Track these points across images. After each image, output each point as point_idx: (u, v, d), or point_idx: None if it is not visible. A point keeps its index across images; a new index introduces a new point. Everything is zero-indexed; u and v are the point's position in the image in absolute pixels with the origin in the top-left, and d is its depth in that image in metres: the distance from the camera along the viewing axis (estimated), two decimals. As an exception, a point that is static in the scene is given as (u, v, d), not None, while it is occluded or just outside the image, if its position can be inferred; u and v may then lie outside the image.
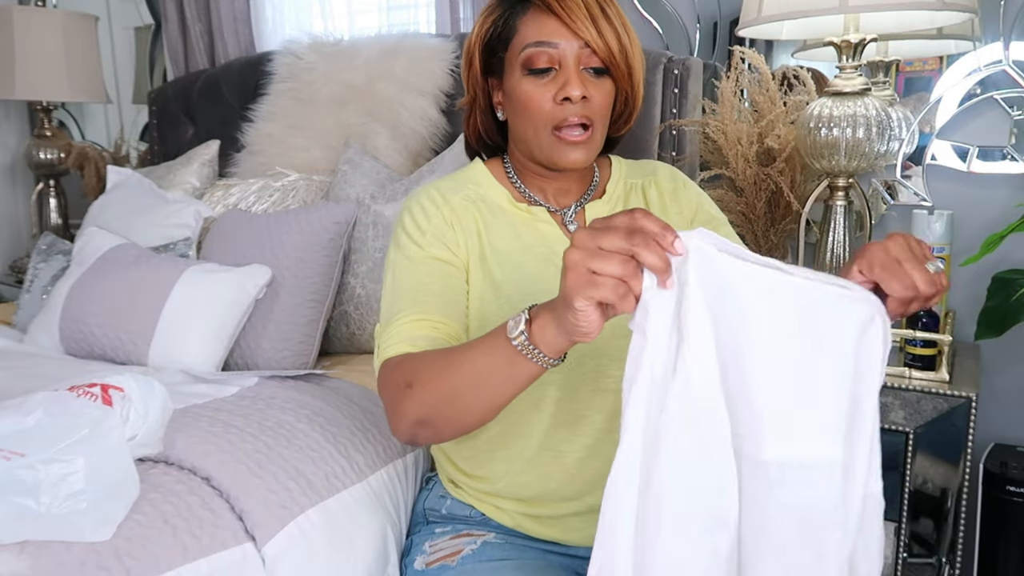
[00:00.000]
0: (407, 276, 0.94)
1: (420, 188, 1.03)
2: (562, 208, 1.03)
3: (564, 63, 0.92)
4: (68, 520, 0.80)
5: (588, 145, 0.95)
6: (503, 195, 1.02)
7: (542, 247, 1.00)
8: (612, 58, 0.93)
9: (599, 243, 0.61)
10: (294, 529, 0.97)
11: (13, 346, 1.60)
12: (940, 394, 1.26)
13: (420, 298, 0.92)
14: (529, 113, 0.94)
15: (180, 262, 1.56)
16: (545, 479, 0.99)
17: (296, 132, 1.91)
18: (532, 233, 1.01)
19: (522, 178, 1.04)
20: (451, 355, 0.81)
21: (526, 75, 0.94)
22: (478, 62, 1.00)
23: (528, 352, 0.72)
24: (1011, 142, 1.55)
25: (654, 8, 1.84)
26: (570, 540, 1.01)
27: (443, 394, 0.81)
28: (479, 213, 1.00)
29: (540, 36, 0.92)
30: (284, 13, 2.42)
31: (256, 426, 1.10)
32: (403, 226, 0.99)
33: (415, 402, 0.83)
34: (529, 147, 0.98)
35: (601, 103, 0.94)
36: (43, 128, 2.70)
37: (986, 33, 1.54)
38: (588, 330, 0.65)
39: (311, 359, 1.50)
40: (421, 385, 0.82)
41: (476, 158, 1.08)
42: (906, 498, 1.29)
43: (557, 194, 1.03)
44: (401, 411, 0.85)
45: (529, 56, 0.93)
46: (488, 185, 1.03)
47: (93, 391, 0.89)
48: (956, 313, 1.61)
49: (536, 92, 0.93)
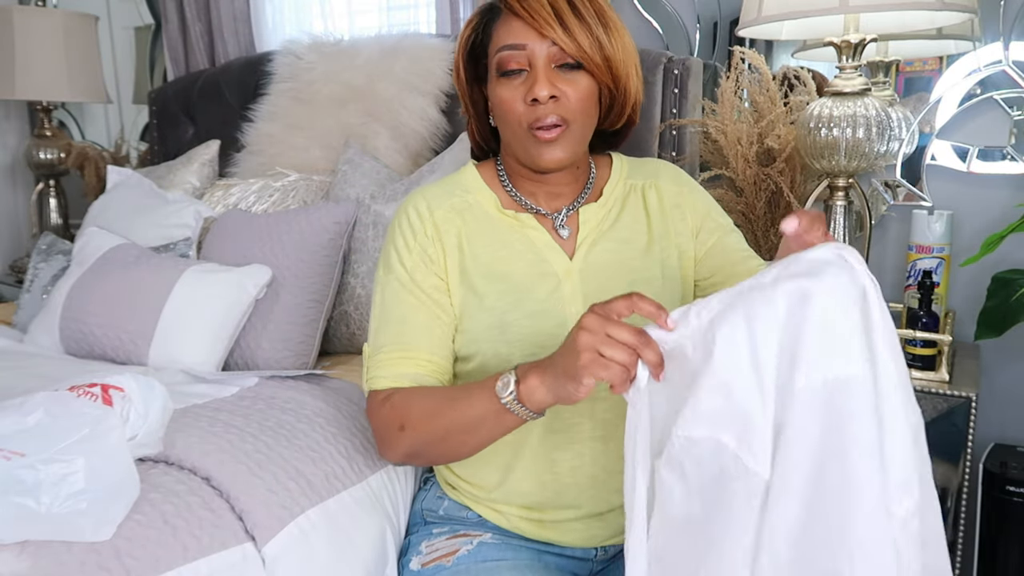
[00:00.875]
0: (395, 304, 0.98)
1: (412, 194, 1.03)
2: (555, 211, 1.02)
3: (534, 63, 0.92)
4: (68, 520, 0.80)
5: (564, 142, 0.94)
6: (492, 201, 1.02)
7: (530, 253, 0.99)
8: (584, 53, 0.92)
9: (609, 331, 0.71)
10: (294, 529, 0.97)
11: (13, 346, 1.60)
12: (940, 394, 1.26)
13: (406, 331, 0.96)
14: (506, 115, 0.95)
15: (180, 262, 1.56)
16: (541, 488, 0.99)
17: (296, 132, 1.91)
18: (520, 239, 1.00)
19: (513, 181, 1.04)
20: (442, 403, 0.89)
21: (500, 78, 0.94)
22: (463, 71, 1.01)
23: (516, 410, 0.81)
24: (1011, 142, 1.55)
25: (654, 8, 1.84)
26: (568, 541, 1.01)
27: (434, 436, 0.90)
28: (463, 223, 1.00)
29: (509, 39, 0.93)
30: (284, 13, 2.42)
31: (256, 426, 1.10)
32: (393, 242, 1.01)
33: (407, 441, 0.92)
34: (514, 150, 0.98)
35: (577, 98, 0.93)
36: (43, 128, 2.70)
37: (986, 33, 1.54)
38: (581, 398, 0.75)
39: (311, 359, 1.50)
40: (413, 428, 0.91)
41: (469, 162, 1.08)
42: (906, 498, 1.29)
43: (549, 197, 1.02)
44: (393, 446, 0.94)
45: (501, 59, 0.93)
46: (477, 190, 1.03)
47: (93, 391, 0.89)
48: (956, 313, 1.61)
49: (509, 94, 0.93)
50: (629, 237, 1.01)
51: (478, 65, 1.01)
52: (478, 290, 0.97)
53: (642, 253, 1.01)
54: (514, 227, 1.01)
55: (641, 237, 1.02)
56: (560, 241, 1.00)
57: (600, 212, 1.02)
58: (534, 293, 0.97)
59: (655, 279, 1.00)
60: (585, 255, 0.99)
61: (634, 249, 1.01)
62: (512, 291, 0.97)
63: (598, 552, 1.03)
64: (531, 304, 0.97)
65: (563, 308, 0.96)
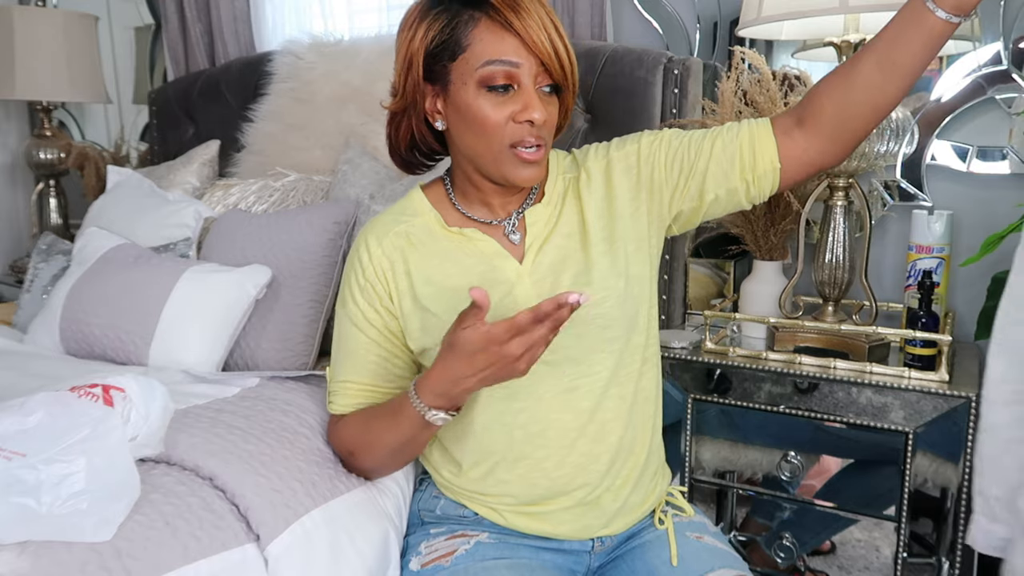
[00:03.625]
0: (348, 340, 1.04)
1: (364, 228, 1.06)
2: (507, 216, 1.02)
3: (522, 83, 0.91)
4: (69, 520, 0.80)
5: (541, 163, 0.95)
6: (436, 220, 1.02)
7: (480, 265, 0.99)
8: (564, 78, 0.93)
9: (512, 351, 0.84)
10: (298, 529, 0.97)
11: (13, 346, 1.60)
12: (940, 394, 1.26)
13: (359, 365, 1.04)
14: (485, 130, 0.92)
15: (180, 262, 1.56)
16: (530, 487, 1.00)
17: (296, 132, 1.91)
18: (467, 254, 1.00)
19: (463, 194, 1.03)
20: (375, 432, 1.00)
21: (484, 92, 0.91)
22: (419, 68, 0.95)
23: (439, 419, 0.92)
24: (1011, 142, 1.55)
25: (654, 8, 1.84)
26: (561, 534, 1.02)
27: (381, 459, 1.03)
28: (410, 247, 1.01)
29: (500, 54, 0.90)
30: (284, 13, 2.42)
31: (259, 427, 1.10)
32: (347, 279, 1.05)
33: (360, 464, 1.06)
34: (479, 162, 0.96)
35: (552, 122, 0.95)
36: (43, 128, 2.70)
37: (986, 33, 1.54)
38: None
39: (311, 359, 1.50)
40: (361, 453, 1.04)
41: (416, 184, 1.08)
42: (906, 498, 1.29)
43: (502, 205, 1.02)
44: (352, 467, 1.08)
45: (488, 74, 0.90)
46: (423, 212, 1.03)
47: (94, 391, 0.89)
48: (956, 313, 1.61)
49: (493, 111, 0.91)
50: (571, 231, 1.02)
51: (435, 64, 0.94)
52: (433, 309, 0.99)
53: (581, 243, 1.01)
54: (460, 243, 1.01)
55: (577, 230, 1.02)
56: (510, 247, 1.01)
57: (545, 212, 1.02)
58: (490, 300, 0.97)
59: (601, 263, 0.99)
60: (535, 257, 1.00)
61: (575, 241, 1.01)
62: (464, 303, 0.95)
63: (594, 544, 1.03)
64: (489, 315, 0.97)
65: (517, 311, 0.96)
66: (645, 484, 1.05)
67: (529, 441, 0.98)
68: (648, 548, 1.03)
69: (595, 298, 0.96)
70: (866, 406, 1.31)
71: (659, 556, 1.01)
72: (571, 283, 0.98)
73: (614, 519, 1.03)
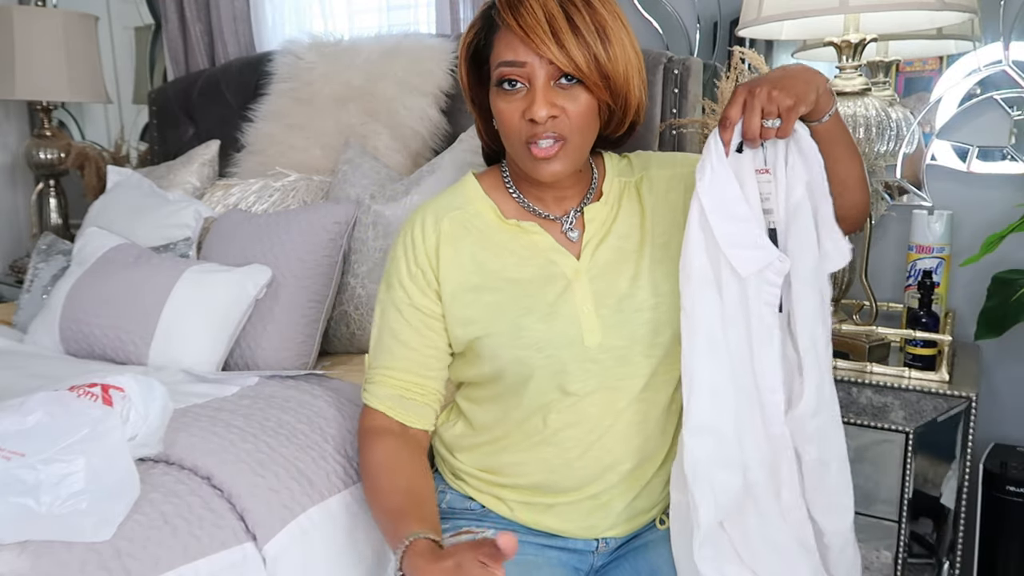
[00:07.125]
0: (391, 326, 1.03)
1: (419, 208, 1.05)
2: (563, 214, 1.03)
3: (533, 81, 0.92)
4: (69, 520, 0.80)
5: (561, 158, 0.94)
6: (492, 210, 1.03)
7: (537, 257, 1.00)
8: (580, 71, 0.91)
9: None
10: (295, 528, 0.97)
11: (13, 346, 1.60)
12: (940, 394, 1.26)
13: (398, 354, 1.02)
14: (504, 128, 0.95)
15: (180, 262, 1.56)
16: (548, 472, 1.00)
17: (296, 132, 1.91)
18: (524, 246, 1.01)
19: (520, 187, 1.04)
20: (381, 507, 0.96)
21: (501, 92, 0.94)
22: (465, 73, 1.02)
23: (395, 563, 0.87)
24: (1011, 142, 1.55)
25: (654, 8, 1.84)
26: (567, 531, 1.02)
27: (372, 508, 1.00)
28: (467, 234, 1.01)
29: (509, 55, 0.92)
30: (284, 13, 2.42)
31: (257, 426, 1.10)
32: (395, 261, 1.04)
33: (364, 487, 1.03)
34: (514, 158, 0.99)
35: (576, 114, 0.93)
36: (43, 128, 2.70)
37: (986, 33, 1.54)
38: None
39: (311, 359, 1.50)
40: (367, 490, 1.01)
41: (469, 172, 1.09)
42: (906, 498, 1.29)
43: (556, 200, 1.03)
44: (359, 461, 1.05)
45: (500, 74, 0.93)
46: (478, 200, 1.03)
47: (93, 391, 0.89)
48: (956, 313, 1.61)
49: (507, 108, 0.93)
50: (628, 233, 1.02)
51: (481, 69, 1.00)
52: (489, 298, 0.98)
53: (637, 247, 1.01)
54: (516, 234, 1.01)
55: (635, 232, 1.02)
56: (567, 243, 1.01)
57: (603, 210, 1.03)
58: (545, 296, 0.98)
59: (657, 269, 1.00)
60: (591, 254, 1.00)
61: (632, 243, 1.02)
62: (523, 296, 0.98)
63: (599, 544, 1.04)
64: (543, 307, 0.97)
65: (575, 308, 0.97)
66: (656, 491, 1.05)
67: (561, 431, 0.98)
68: (650, 548, 1.03)
69: (649, 302, 0.98)
70: (866, 406, 1.31)
71: (661, 556, 1.01)
72: (626, 284, 0.98)
73: (620, 522, 1.03)
